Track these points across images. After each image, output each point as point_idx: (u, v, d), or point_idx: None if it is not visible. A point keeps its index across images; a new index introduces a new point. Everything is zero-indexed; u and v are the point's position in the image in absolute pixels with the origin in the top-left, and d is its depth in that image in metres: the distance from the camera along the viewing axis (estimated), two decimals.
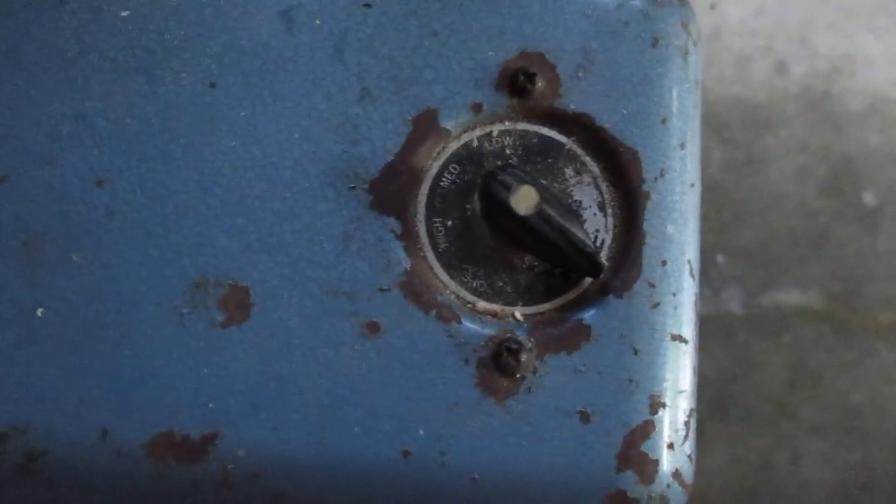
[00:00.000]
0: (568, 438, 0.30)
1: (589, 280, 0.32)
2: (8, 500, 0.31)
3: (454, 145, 0.33)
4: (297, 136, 0.32)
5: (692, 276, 0.33)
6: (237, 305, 0.31)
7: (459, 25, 0.33)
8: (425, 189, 0.32)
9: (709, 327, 1.11)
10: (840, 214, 1.15)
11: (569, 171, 0.33)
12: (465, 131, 0.33)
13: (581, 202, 0.33)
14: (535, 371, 0.31)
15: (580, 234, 0.30)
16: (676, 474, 0.31)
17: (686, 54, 0.34)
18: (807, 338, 1.13)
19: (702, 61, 0.35)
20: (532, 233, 0.30)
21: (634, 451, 0.30)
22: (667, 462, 0.31)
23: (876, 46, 1.17)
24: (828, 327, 1.13)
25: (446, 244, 0.32)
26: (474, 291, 0.32)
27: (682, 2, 0.34)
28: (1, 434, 0.30)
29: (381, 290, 0.31)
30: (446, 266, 0.32)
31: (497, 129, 0.33)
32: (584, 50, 0.33)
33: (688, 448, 0.31)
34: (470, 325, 0.31)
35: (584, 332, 0.31)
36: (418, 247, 0.32)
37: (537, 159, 0.33)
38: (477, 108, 0.33)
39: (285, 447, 0.30)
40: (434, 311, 0.31)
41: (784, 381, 1.11)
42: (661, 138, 0.33)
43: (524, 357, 0.31)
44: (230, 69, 0.32)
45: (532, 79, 0.32)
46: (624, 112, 0.33)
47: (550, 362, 0.31)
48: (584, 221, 0.32)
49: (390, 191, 0.32)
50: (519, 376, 0.31)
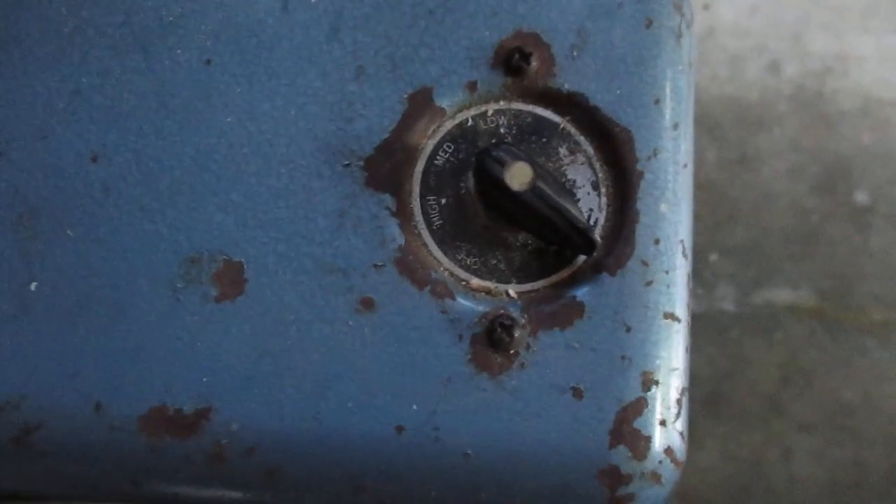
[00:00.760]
0: (561, 414, 0.30)
1: (582, 258, 0.32)
2: (2, 474, 0.31)
3: (449, 124, 0.33)
4: (292, 113, 0.32)
5: (685, 255, 0.33)
6: (231, 281, 0.31)
7: (455, 4, 0.33)
8: (420, 167, 0.32)
9: (702, 325, 1.11)
10: (832, 213, 1.15)
11: (563, 151, 0.33)
12: (459, 110, 0.33)
13: (575, 181, 0.33)
14: (528, 347, 0.31)
15: (574, 211, 0.31)
16: (668, 451, 0.31)
17: (679, 36, 0.34)
18: (799, 336, 1.13)
19: (695, 45, 0.36)
20: (526, 209, 0.30)
21: (627, 428, 0.31)
22: (659, 439, 0.31)
23: (868, 47, 1.18)
24: (819, 325, 1.13)
25: (440, 221, 0.32)
26: (468, 269, 0.32)
27: None
28: None
29: (376, 266, 0.31)
30: (440, 243, 0.32)
31: (492, 108, 0.33)
32: (579, 30, 0.33)
33: (679, 425, 0.31)
34: (464, 302, 0.31)
35: (578, 309, 0.31)
36: (413, 224, 0.32)
37: (532, 138, 0.33)
38: (472, 86, 0.33)
39: (279, 422, 0.30)
40: (428, 288, 0.31)
41: (776, 379, 1.11)
42: (654, 118, 0.33)
43: (517, 333, 0.31)
44: (226, 46, 0.32)
45: (527, 58, 0.32)
46: (618, 92, 0.33)
47: (544, 339, 0.31)
48: (578, 200, 0.33)
49: (385, 168, 0.32)
50: (512, 352, 0.31)
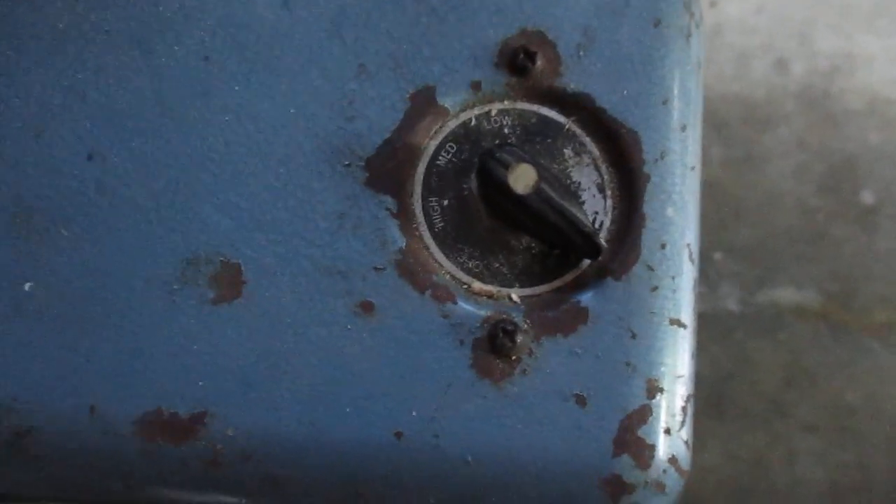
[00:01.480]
0: (563, 422, 0.30)
1: (587, 262, 0.31)
2: None
3: (452, 124, 0.32)
4: (292, 111, 0.31)
5: (691, 259, 0.32)
6: (229, 283, 0.30)
7: (458, 2, 0.32)
8: (422, 168, 0.32)
9: (705, 325, 1.10)
10: (838, 213, 1.14)
11: (568, 152, 0.32)
12: (463, 110, 0.32)
13: (580, 183, 0.32)
14: (530, 353, 0.30)
15: (579, 215, 0.30)
16: (673, 460, 0.30)
17: (688, 36, 0.33)
18: (803, 336, 1.12)
19: (704, 45, 0.35)
20: (530, 212, 0.30)
21: (631, 436, 0.30)
22: (663, 447, 0.30)
23: (875, 46, 1.17)
24: (824, 326, 1.13)
25: (442, 224, 0.32)
26: (470, 272, 0.31)
27: None
28: None
29: (376, 269, 0.31)
30: (442, 246, 0.32)
31: (496, 107, 0.32)
32: (585, 28, 0.32)
33: (685, 434, 0.31)
34: (465, 306, 0.31)
35: (582, 314, 0.31)
36: (414, 226, 0.31)
37: (536, 139, 0.32)
38: (476, 86, 0.32)
39: (276, 427, 0.30)
40: (429, 291, 0.31)
41: (779, 380, 1.11)
42: (662, 120, 0.32)
43: (520, 339, 0.30)
44: (225, 43, 0.32)
45: (532, 57, 0.32)
46: (625, 93, 0.32)
47: (547, 345, 0.31)
48: (583, 203, 0.32)
49: (386, 169, 0.31)
50: (514, 358, 0.30)
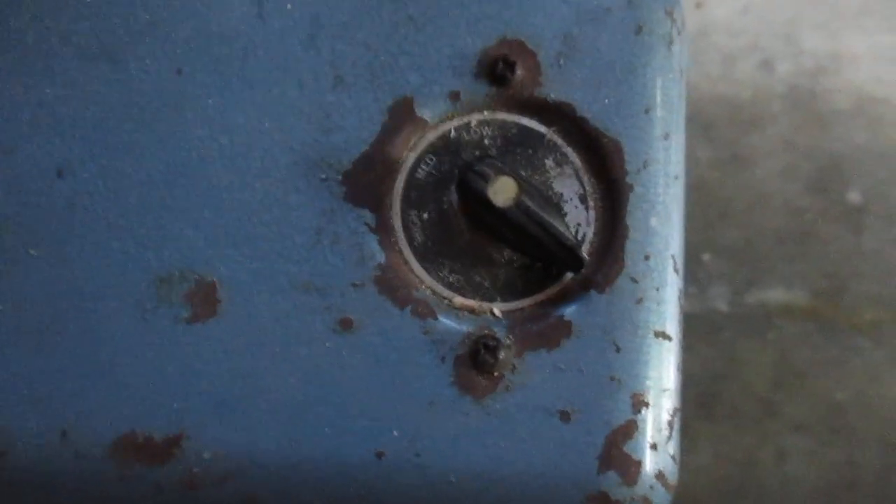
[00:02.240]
0: (548, 438, 0.29)
1: (570, 275, 0.31)
2: None
3: (431, 135, 0.32)
4: (267, 124, 0.31)
5: (676, 270, 0.32)
6: (204, 301, 0.30)
7: (436, 11, 0.32)
8: (401, 181, 0.31)
9: (694, 325, 1.10)
10: (826, 213, 1.14)
11: (549, 163, 0.32)
12: (442, 121, 0.32)
13: (562, 194, 0.32)
14: (513, 369, 0.30)
15: (561, 228, 0.29)
16: (660, 475, 0.30)
17: (670, 43, 0.33)
18: (792, 336, 1.12)
19: (687, 51, 0.34)
20: (511, 225, 0.29)
21: (616, 452, 0.29)
22: (650, 463, 0.30)
23: (862, 45, 1.17)
24: (813, 325, 1.13)
25: (422, 237, 0.31)
26: (451, 286, 0.31)
27: None
28: None
29: (355, 285, 0.30)
30: (422, 260, 0.31)
31: (475, 118, 0.32)
32: (566, 37, 0.32)
33: (671, 448, 0.30)
34: (446, 322, 0.30)
35: (565, 328, 0.30)
36: (393, 240, 0.31)
37: (517, 150, 0.32)
38: (455, 96, 0.31)
39: (254, 448, 0.29)
40: (409, 307, 0.30)
41: (769, 380, 1.11)
42: (644, 129, 0.32)
43: (502, 355, 0.29)
44: (198, 55, 0.31)
45: (512, 67, 0.31)
46: (606, 101, 0.32)
47: (530, 360, 0.30)
48: (566, 214, 0.31)
49: (364, 182, 0.31)
50: (497, 374, 0.30)
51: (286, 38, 0.31)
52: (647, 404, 0.30)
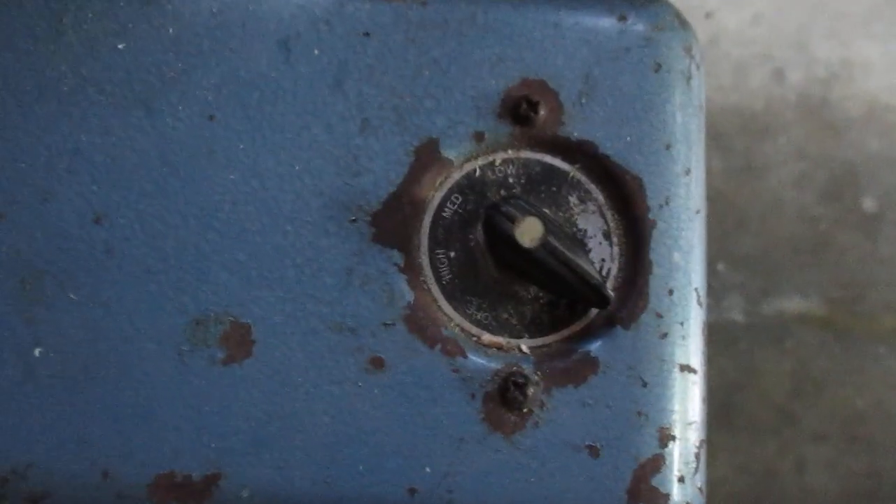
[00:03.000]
0: (577, 473, 0.30)
1: (595, 310, 0.31)
2: None
3: (456, 175, 0.32)
4: (297, 168, 0.32)
5: (699, 304, 0.32)
6: (238, 342, 0.31)
7: (459, 53, 0.32)
8: (428, 220, 0.32)
9: (711, 336, 1.10)
10: (840, 221, 1.14)
11: (573, 200, 0.32)
12: (467, 160, 0.32)
13: (586, 231, 0.32)
14: (542, 405, 0.30)
15: (586, 266, 0.30)
16: None
17: (689, 79, 0.33)
18: (809, 345, 1.12)
19: (704, 85, 0.35)
20: (537, 265, 0.30)
21: (644, 486, 0.30)
22: (677, 496, 0.30)
23: (873, 52, 1.17)
24: (830, 334, 1.12)
25: (450, 276, 0.32)
26: (479, 324, 0.32)
27: (684, 25, 0.34)
28: (2, 477, 0.30)
29: (385, 324, 0.31)
30: (450, 298, 0.32)
31: (500, 157, 0.32)
32: (586, 76, 0.32)
33: (698, 480, 0.31)
34: (475, 359, 0.31)
35: (592, 364, 0.31)
36: (422, 279, 0.32)
37: (541, 188, 0.32)
38: (479, 136, 0.32)
39: (289, 487, 0.30)
40: (439, 346, 0.31)
41: (787, 389, 1.10)
42: (665, 165, 0.32)
43: (531, 391, 0.30)
44: (228, 101, 0.32)
45: (535, 107, 0.32)
46: (628, 139, 0.32)
47: (557, 396, 0.31)
48: (590, 251, 0.32)
49: (392, 223, 0.32)
50: (526, 411, 0.30)
51: (314, 83, 0.32)
52: (673, 438, 0.30)
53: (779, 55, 1.19)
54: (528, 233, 0.29)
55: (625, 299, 0.31)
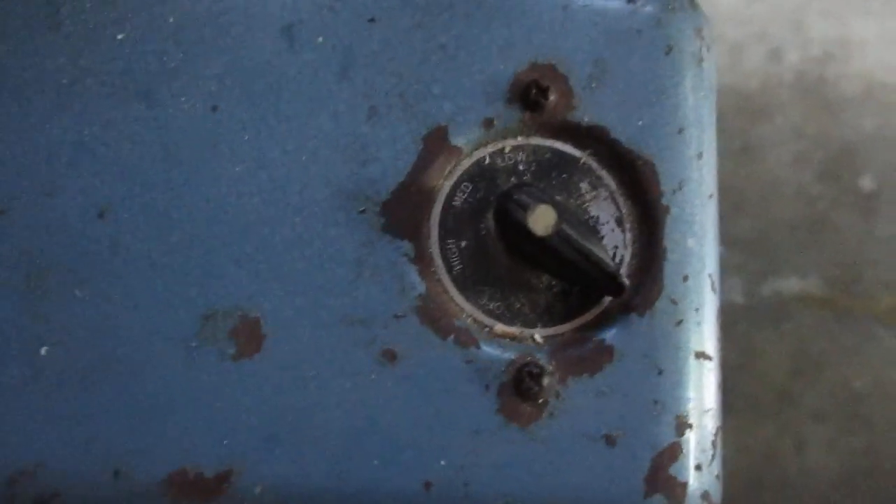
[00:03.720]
0: (594, 463, 0.30)
1: (609, 298, 0.31)
2: None
3: (466, 163, 0.32)
4: (304, 158, 0.31)
5: (713, 290, 0.32)
6: (248, 337, 0.30)
7: (467, 38, 0.32)
8: (438, 209, 0.31)
9: None
10: (838, 200, 1.14)
11: (584, 186, 0.32)
12: (476, 148, 0.32)
13: (598, 218, 0.32)
14: (557, 395, 0.30)
15: (601, 254, 0.29)
16: (705, 496, 0.30)
17: (701, 61, 0.33)
18: (808, 325, 1.12)
19: (715, 67, 0.34)
20: (551, 253, 0.29)
21: (662, 474, 0.30)
22: (695, 484, 0.30)
23: (869, 30, 1.17)
24: (829, 314, 1.13)
25: (461, 266, 0.31)
26: (492, 314, 0.31)
27: (695, 7, 0.33)
28: (10, 477, 0.29)
29: (397, 316, 0.30)
30: (462, 289, 0.31)
31: (509, 144, 0.32)
32: (596, 60, 0.32)
33: (716, 468, 0.31)
34: (489, 350, 0.30)
35: (607, 352, 0.30)
36: (433, 270, 0.31)
37: (551, 174, 0.32)
38: (488, 123, 0.32)
39: (304, 482, 0.29)
40: (452, 337, 0.30)
41: (786, 370, 1.11)
42: (678, 149, 0.32)
43: (546, 381, 0.30)
44: (232, 91, 0.31)
45: (545, 92, 0.31)
46: (639, 123, 0.32)
47: (573, 385, 0.30)
48: (603, 238, 0.31)
49: (402, 213, 0.31)
50: (541, 401, 0.30)
51: (319, 71, 0.31)
52: (690, 426, 0.30)
53: (775, 34, 1.18)
54: (542, 220, 0.29)
55: (639, 286, 0.31)
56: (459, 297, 0.31)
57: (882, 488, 1.08)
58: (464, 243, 0.31)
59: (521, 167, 0.32)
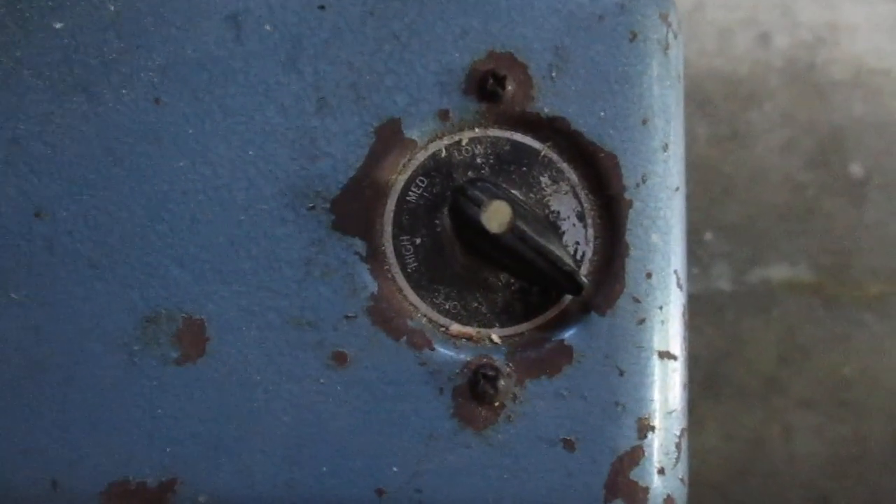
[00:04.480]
0: (552, 468, 0.28)
1: (569, 297, 0.30)
2: None
3: (421, 156, 0.30)
4: (250, 153, 0.30)
5: (679, 286, 0.31)
6: (192, 340, 0.29)
7: (421, 26, 0.30)
8: (391, 205, 0.30)
9: (698, 305, 1.10)
10: (827, 187, 1.13)
11: (545, 180, 0.31)
12: (431, 140, 0.30)
13: (559, 212, 0.30)
14: (514, 398, 0.29)
15: (558, 252, 0.28)
16: (669, 500, 0.29)
17: (666, 48, 0.31)
18: (796, 312, 1.12)
19: (682, 54, 0.33)
20: (506, 251, 0.28)
21: (623, 479, 0.29)
22: (658, 488, 0.29)
23: (859, 15, 1.15)
24: (817, 301, 1.12)
25: (416, 264, 0.30)
26: (447, 313, 0.30)
27: None
28: None
29: (348, 317, 0.29)
30: (416, 287, 0.30)
31: (466, 136, 0.31)
32: (557, 48, 0.31)
33: (680, 471, 0.29)
34: (444, 351, 0.29)
35: (566, 353, 0.29)
36: (386, 268, 0.30)
37: (510, 168, 0.31)
38: (444, 115, 0.30)
39: (250, 491, 0.28)
40: (405, 338, 0.29)
41: (774, 357, 1.10)
42: (642, 141, 0.30)
43: (502, 384, 0.29)
44: (175, 83, 0.30)
45: (502, 82, 0.30)
46: (601, 114, 0.30)
47: (531, 388, 0.29)
48: (563, 233, 0.30)
49: (353, 209, 0.30)
50: (497, 404, 0.29)
51: (266, 61, 0.30)
52: (652, 428, 0.29)
53: (764, 19, 1.17)
54: (496, 217, 0.28)
55: (600, 284, 0.30)
56: (414, 297, 0.30)
57: (870, 475, 1.08)
58: (418, 240, 0.30)
59: (479, 160, 0.31)
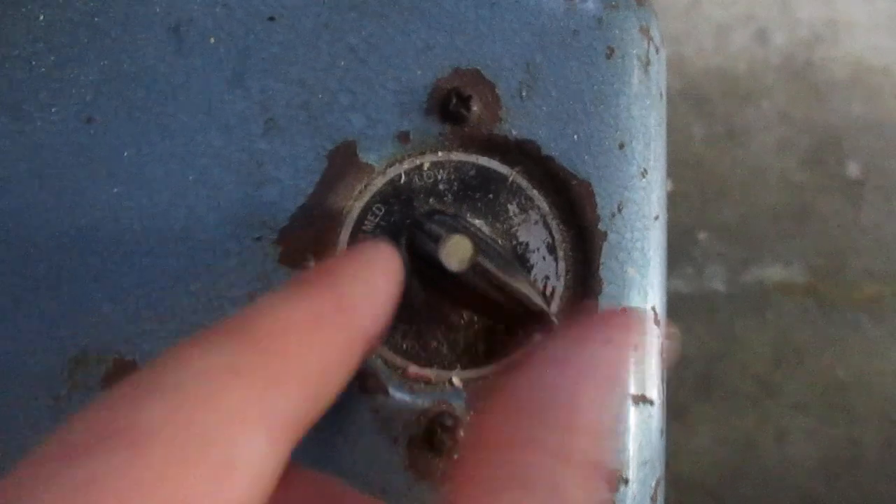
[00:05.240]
0: None
1: (537, 336, 0.28)
2: None
3: (378, 182, 0.28)
4: (190, 178, 0.27)
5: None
6: None
7: (380, 40, 0.28)
8: (345, 235, 0.28)
9: (692, 306, 1.08)
10: (823, 187, 1.11)
11: (513, 208, 0.28)
12: (390, 165, 0.28)
13: (528, 244, 0.28)
14: None
15: (524, 289, 0.26)
16: None
17: (647, 64, 0.29)
18: (790, 314, 1.10)
19: (664, 70, 0.31)
20: (467, 290, 0.26)
21: None
22: None
23: (858, 11, 1.13)
24: (812, 302, 1.10)
25: None
26: (405, 354, 0.28)
27: (641, 2, 0.29)
28: None
29: None
30: None
31: (428, 160, 0.28)
32: (528, 64, 0.28)
33: None
34: (399, 396, 0.27)
35: None
36: None
37: (476, 195, 0.28)
38: (403, 137, 0.28)
39: None
40: (357, 382, 0.27)
41: (768, 359, 1.09)
42: (618, 167, 0.28)
43: (462, 434, 0.26)
44: (110, 100, 0.27)
45: (467, 102, 0.28)
46: (575, 137, 0.28)
47: None
48: (532, 267, 0.28)
49: (303, 240, 0.27)
50: (456, 456, 0.26)
51: (209, 78, 0.28)
52: (625, 481, 0.27)
53: (762, 16, 1.14)
54: (455, 254, 0.25)
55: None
56: None
57: (862, 477, 1.06)
58: None
59: (442, 186, 0.28)
